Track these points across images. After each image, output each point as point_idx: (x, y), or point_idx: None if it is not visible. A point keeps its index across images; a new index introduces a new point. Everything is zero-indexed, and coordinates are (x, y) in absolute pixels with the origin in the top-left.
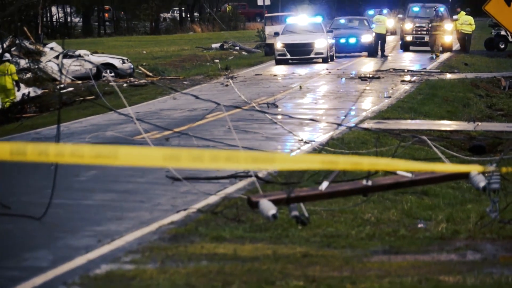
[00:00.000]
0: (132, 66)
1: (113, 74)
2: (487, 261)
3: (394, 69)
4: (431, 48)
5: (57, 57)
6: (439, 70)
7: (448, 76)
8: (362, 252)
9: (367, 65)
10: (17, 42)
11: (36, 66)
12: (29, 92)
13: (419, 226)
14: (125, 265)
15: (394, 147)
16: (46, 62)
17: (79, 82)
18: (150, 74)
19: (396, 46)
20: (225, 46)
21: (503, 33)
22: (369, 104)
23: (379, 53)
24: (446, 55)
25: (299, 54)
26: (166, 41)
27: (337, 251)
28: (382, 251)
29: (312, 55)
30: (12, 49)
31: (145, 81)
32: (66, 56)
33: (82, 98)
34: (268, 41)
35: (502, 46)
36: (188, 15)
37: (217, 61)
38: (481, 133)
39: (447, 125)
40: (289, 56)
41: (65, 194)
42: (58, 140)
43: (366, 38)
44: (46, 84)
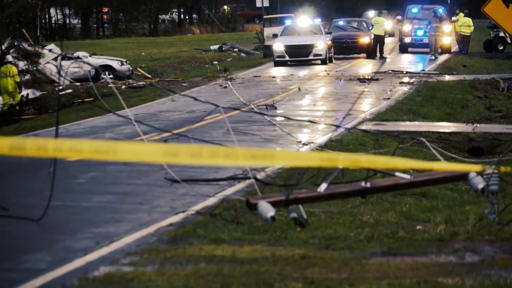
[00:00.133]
0: (130, 68)
1: (111, 76)
2: (486, 263)
3: (393, 70)
4: (431, 48)
5: (55, 59)
6: (438, 72)
7: (446, 77)
8: (361, 254)
9: (366, 66)
10: (15, 44)
11: (34, 68)
12: (27, 94)
13: (418, 228)
14: (123, 267)
15: (393, 149)
16: (45, 64)
17: (78, 84)
18: (149, 76)
19: (394, 48)
20: (223, 48)
21: (502, 34)
22: (367, 105)
23: (378, 54)
24: (444, 57)
25: (298, 55)
26: (164, 42)
27: (335, 253)
28: (381, 253)
29: (311, 57)
30: (10, 51)
31: (143, 83)
32: (64, 58)
33: (80, 100)
34: (266, 42)
35: (501, 48)
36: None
37: (215, 62)
38: (479, 134)
39: (446, 126)
40: (287, 57)
41: (63, 196)
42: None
43: (365, 40)
44: (45, 86)
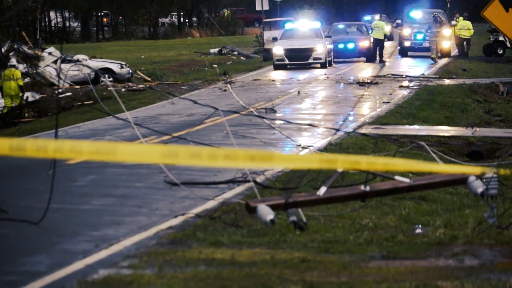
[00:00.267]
0: (130, 71)
1: (111, 79)
2: (485, 266)
3: (393, 74)
4: (432, 51)
5: (55, 62)
6: (437, 76)
7: (446, 81)
8: (360, 257)
9: (366, 70)
10: (15, 47)
11: (34, 71)
12: (27, 96)
13: (417, 231)
14: (122, 270)
15: (392, 153)
16: (44, 67)
17: (77, 87)
18: (149, 79)
19: (394, 52)
20: (223, 51)
21: (501, 38)
22: (367, 109)
23: (377, 58)
24: (444, 61)
25: (298, 59)
26: (164, 46)
27: (335, 257)
28: (380, 257)
29: (310, 60)
30: (10, 53)
31: (143, 86)
32: (64, 61)
33: (80, 103)
34: (266, 46)
35: (500, 52)
36: (186, 20)
37: (215, 66)
38: (479, 138)
39: (445, 130)
40: (287, 61)
41: (63, 199)
42: None
43: (365, 44)
44: (44, 89)
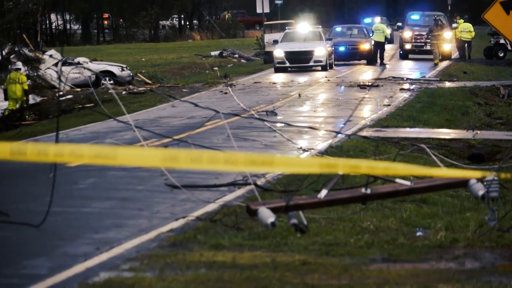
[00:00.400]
0: (131, 74)
1: (112, 82)
2: (486, 269)
3: (393, 77)
4: (435, 55)
5: (56, 64)
6: (438, 79)
7: (447, 84)
8: (361, 260)
9: (366, 73)
10: (16, 49)
11: (35, 74)
12: (28, 99)
13: (418, 234)
14: (123, 272)
15: (393, 155)
16: (45, 69)
17: (78, 89)
18: (149, 82)
19: (395, 55)
20: (224, 54)
21: (502, 41)
22: (368, 112)
23: (378, 61)
24: (445, 64)
25: (298, 62)
26: (165, 48)
27: (335, 259)
28: (381, 259)
29: (311, 63)
30: (11, 56)
31: (144, 88)
32: (65, 63)
33: (81, 106)
34: (267, 49)
35: (501, 55)
36: (187, 23)
37: (216, 68)
38: (480, 141)
39: (446, 133)
40: (288, 64)
41: (63, 202)
42: None
43: (365, 46)
44: (45, 91)
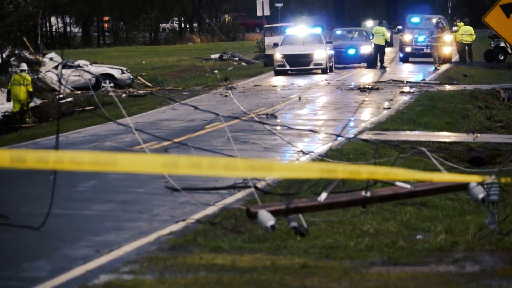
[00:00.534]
0: (131, 77)
1: (112, 85)
2: (486, 272)
3: (393, 80)
4: (434, 59)
5: (56, 67)
6: (439, 82)
7: (447, 87)
8: (361, 263)
9: (366, 76)
10: (16, 52)
11: (35, 76)
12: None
13: (418, 237)
14: (123, 275)
15: (393, 159)
16: (46, 72)
17: (78, 92)
18: (149, 85)
19: (395, 58)
20: (224, 57)
21: (503, 44)
22: (368, 115)
23: (378, 64)
24: (445, 67)
25: (299, 65)
26: (165, 51)
27: (335, 262)
28: (381, 263)
29: (311, 66)
30: (11, 59)
31: (144, 91)
32: (65, 66)
33: (81, 109)
34: (267, 52)
35: (502, 58)
36: (187, 26)
37: (216, 71)
38: (480, 144)
39: (446, 136)
40: (288, 67)
41: (63, 204)
42: (57, 150)
43: (365, 49)
44: (45, 94)
